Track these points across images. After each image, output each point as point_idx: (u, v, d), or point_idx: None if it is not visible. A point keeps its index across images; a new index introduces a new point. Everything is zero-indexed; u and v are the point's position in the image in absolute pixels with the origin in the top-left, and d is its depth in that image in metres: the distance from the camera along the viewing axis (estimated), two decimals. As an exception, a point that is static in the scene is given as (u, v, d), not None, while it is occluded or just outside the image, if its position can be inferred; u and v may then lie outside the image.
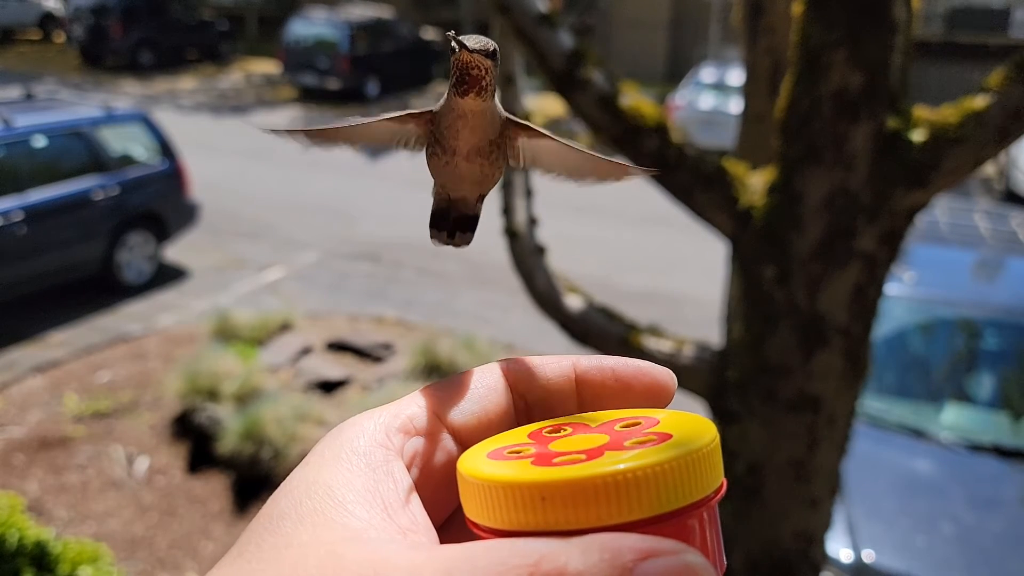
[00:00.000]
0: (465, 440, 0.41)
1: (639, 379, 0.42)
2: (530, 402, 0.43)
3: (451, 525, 0.41)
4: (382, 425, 0.40)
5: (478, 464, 0.37)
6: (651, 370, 0.42)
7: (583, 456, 0.35)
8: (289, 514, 0.35)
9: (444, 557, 0.30)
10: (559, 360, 0.43)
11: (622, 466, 0.33)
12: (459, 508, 0.38)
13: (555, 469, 0.34)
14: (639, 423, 0.38)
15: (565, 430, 0.40)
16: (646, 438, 0.36)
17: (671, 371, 0.43)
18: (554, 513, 0.33)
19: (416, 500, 0.38)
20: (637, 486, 0.32)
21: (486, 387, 0.42)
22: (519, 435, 0.40)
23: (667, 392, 0.42)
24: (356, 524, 0.34)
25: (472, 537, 0.36)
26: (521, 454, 0.37)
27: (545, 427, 0.41)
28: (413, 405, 0.41)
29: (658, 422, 0.38)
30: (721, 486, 0.36)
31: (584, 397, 0.43)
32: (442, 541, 0.36)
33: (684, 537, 0.29)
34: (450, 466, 0.39)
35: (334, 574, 0.31)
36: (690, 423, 0.37)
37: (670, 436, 0.35)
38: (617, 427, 0.38)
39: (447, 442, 0.41)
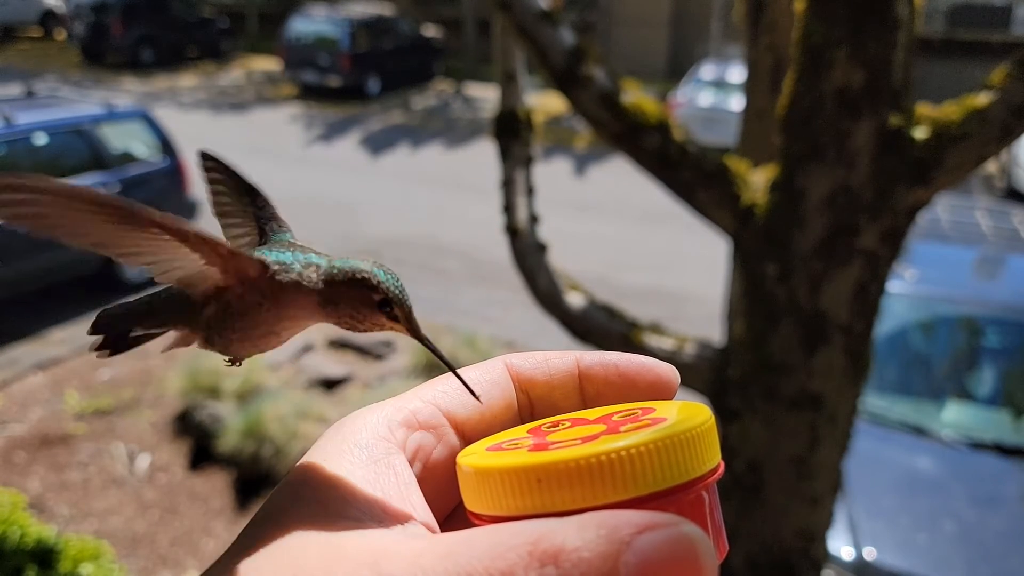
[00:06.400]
0: (468, 435, 0.41)
1: (642, 375, 0.42)
2: (533, 397, 0.43)
3: (453, 520, 0.41)
4: (384, 419, 0.40)
5: (476, 456, 0.37)
6: (654, 366, 0.42)
7: (579, 442, 0.35)
8: (290, 507, 0.35)
9: (444, 543, 0.30)
10: (563, 355, 0.43)
11: (617, 444, 0.33)
12: (461, 504, 0.38)
13: (551, 453, 0.34)
14: (635, 412, 0.39)
15: (564, 424, 0.40)
16: (641, 424, 0.36)
17: (673, 367, 0.43)
18: (551, 495, 0.33)
19: (417, 493, 0.38)
20: (632, 464, 0.33)
21: (489, 382, 0.42)
22: (519, 432, 0.40)
23: (670, 388, 0.42)
24: (357, 516, 0.34)
25: None
26: (519, 446, 0.38)
27: (545, 423, 0.41)
28: (416, 400, 0.41)
29: (654, 411, 0.38)
30: (718, 466, 0.36)
31: (587, 392, 0.43)
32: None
33: (682, 515, 0.29)
34: (453, 460, 0.39)
35: (334, 564, 0.31)
36: (685, 409, 0.38)
37: (664, 420, 0.36)
38: (614, 418, 0.39)
39: (450, 436, 0.41)
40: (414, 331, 0.41)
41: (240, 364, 0.45)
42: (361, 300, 0.41)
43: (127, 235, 0.38)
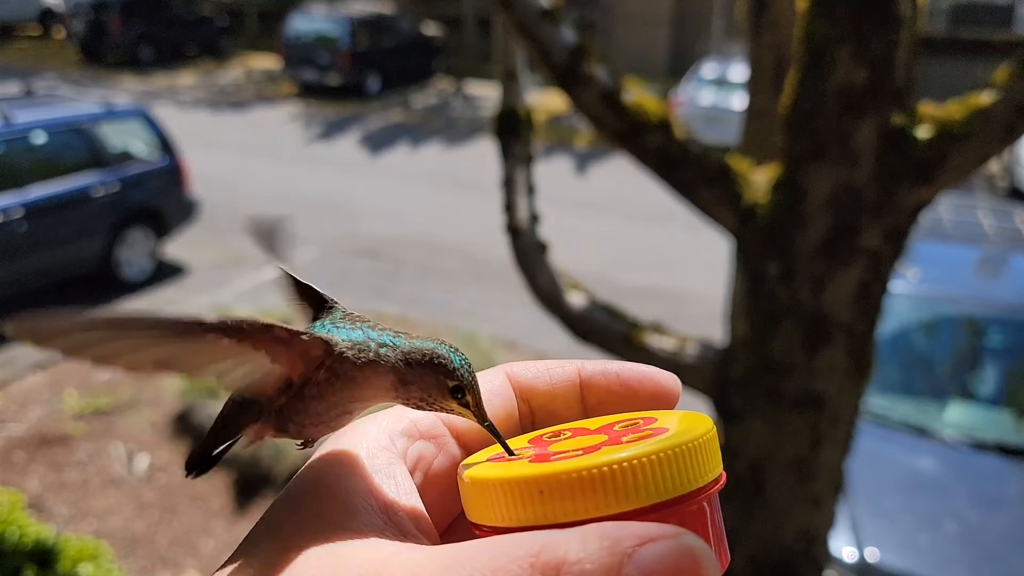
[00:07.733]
0: (469, 444, 0.41)
1: (644, 384, 0.42)
2: (534, 407, 0.43)
3: (454, 530, 0.41)
4: (385, 429, 0.40)
5: (478, 467, 0.37)
6: (656, 375, 0.42)
7: (580, 452, 0.35)
8: (290, 518, 0.35)
9: (445, 554, 0.30)
10: (564, 364, 0.43)
11: (618, 455, 0.33)
12: (462, 514, 0.38)
13: (552, 464, 0.34)
14: (637, 423, 0.39)
15: (565, 434, 0.40)
16: (643, 434, 0.36)
17: (676, 376, 0.43)
18: (552, 506, 0.33)
19: (418, 503, 0.38)
20: (634, 475, 0.33)
21: (490, 391, 0.42)
22: (520, 442, 0.40)
23: (672, 397, 0.42)
24: (357, 526, 0.34)
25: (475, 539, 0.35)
26: (520, 456, 0.37)
27: (546, 433, 0.41)
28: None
29: (655, 420, 0.38)
30: (720, 477, 0.36)
31: (589, 402, 0.42)
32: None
33: (684, 526, 0.29)
34: (454, 470, 0.40)
35: (335, 575, 0.31)
36: (687, 419, 0.37)
37: (666, 430, 0.36)
38: (616, 427, 0.39)
39: (451, 446, 0.41)
40: (481, 417, 0.40)
41: (312, 445, 0.44)
42: (435, 385, 0.40)
43: (188, 349, 0.37)
